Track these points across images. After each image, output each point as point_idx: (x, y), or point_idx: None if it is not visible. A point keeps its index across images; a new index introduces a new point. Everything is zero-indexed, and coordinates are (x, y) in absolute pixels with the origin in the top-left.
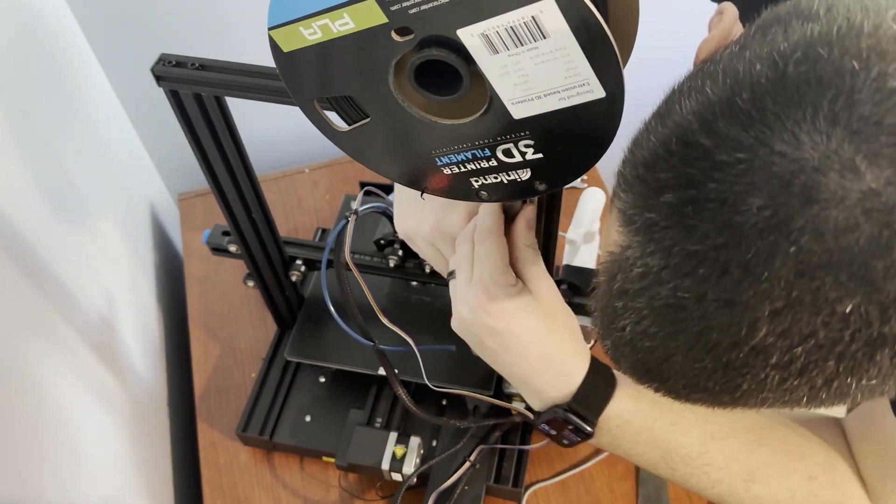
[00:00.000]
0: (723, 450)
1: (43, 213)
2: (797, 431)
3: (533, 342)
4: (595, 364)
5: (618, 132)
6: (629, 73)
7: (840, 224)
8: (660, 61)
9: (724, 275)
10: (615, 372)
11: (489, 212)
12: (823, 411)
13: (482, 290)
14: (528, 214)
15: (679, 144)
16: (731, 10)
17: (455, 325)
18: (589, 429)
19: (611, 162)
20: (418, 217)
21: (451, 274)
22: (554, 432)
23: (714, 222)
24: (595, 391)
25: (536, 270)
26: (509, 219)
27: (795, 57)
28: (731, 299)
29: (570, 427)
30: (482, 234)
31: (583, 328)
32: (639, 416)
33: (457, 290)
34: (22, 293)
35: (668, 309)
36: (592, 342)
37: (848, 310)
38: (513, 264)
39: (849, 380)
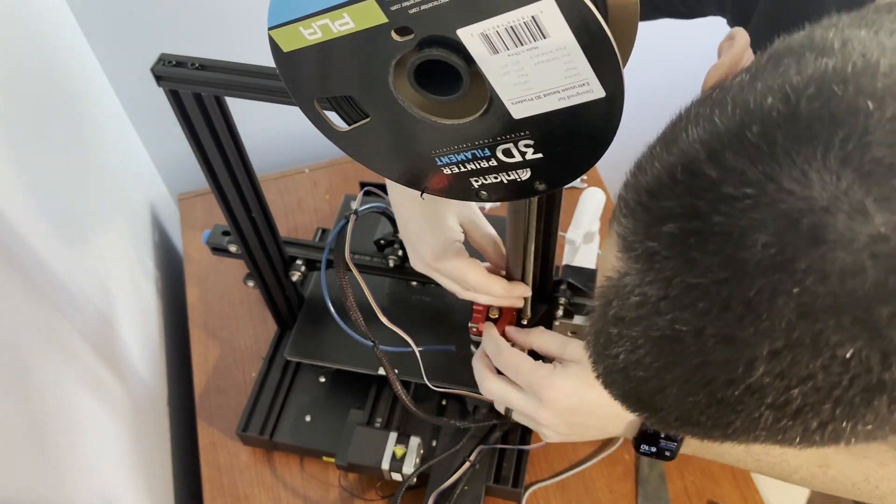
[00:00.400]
0: None
1: (43, 214)
2: None
3: (602, 395)
4: None
5: (618, 132)
6: (629, 73)
7: (846, 267)
8: (660, 62)
9: (724, 310)
10: None
11: (490, 341)
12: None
13: (540, 391)
14: (512, 332)
15: (685, 173)
16: (743, 37)
17: (553, 437)
18: (667, 454)
19: (611, 162)
20: (412, 257)
21: (509, 412)
22: (654, 448)
23: (717, 256)
24: None
25: (553, 343)
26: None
27: (809, 92)
28: (730, 336)
29: (661, 436)
30: (498, 358)
31: (583, 329)
32: None
33: (526, 416)
34: (22, 293)
35: (665, 340)
36: None
37: (849, 355)
38: (532, 355)
39: (844, 424)
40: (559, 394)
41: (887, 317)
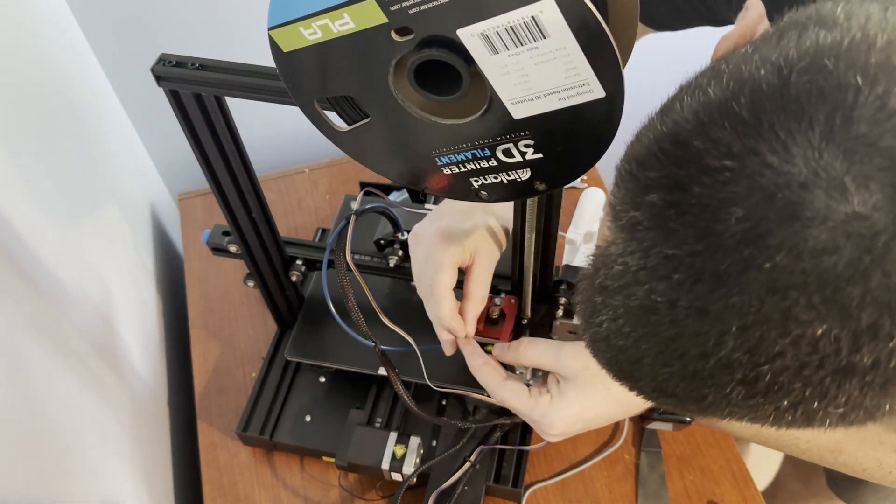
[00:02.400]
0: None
1: (43, 213)
2: None
3: (605, 408)
4: None
5: (618, 132)
6: (629, 73)
7: (819, 245)
8: (660, 62)
9: (697, 283)
10: None
11: (482, 377)
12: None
13: (543, 428)
14: (500, 353)
15: (673, 144)
16: (756, 7)
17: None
18: (688, 419)
19: (611, 162)
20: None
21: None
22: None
23: (694, 228)
24: None
25: (545, 358)
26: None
27: (801, 65)
28: (702, 308)
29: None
30: (493, 394)
31: None
32: None
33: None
34: (22, 293)
35: (642, 311)
36: None
37: (818, 334)
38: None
39: (815, 405)
40: (563, 426)
41: (859, 297)
